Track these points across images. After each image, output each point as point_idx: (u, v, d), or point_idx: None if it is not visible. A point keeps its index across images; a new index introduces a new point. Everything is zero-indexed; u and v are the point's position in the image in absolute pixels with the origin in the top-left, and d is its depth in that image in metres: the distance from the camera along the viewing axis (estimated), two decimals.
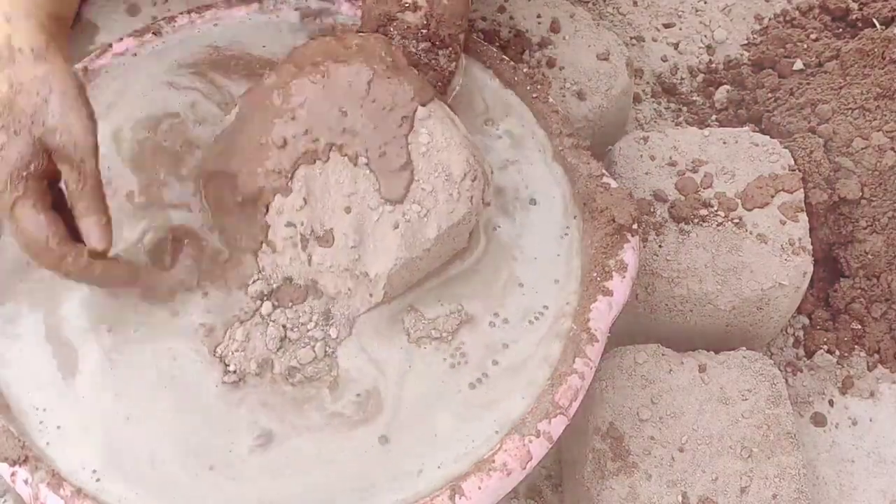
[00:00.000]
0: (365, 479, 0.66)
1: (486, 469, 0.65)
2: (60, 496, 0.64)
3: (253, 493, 0.65)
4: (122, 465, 0.66)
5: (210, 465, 0.66)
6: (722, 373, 0.81)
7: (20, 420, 0.68)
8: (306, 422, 0.69)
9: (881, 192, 0.92)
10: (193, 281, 0.73)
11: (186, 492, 0.65)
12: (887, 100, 0.94)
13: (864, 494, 0.86)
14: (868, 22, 1.11)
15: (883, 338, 0.93)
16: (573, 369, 0.70)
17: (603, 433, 0.77)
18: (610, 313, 0.75)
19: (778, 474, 0.75)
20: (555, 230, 0.80)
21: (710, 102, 1.13)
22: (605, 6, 1.22)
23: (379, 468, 0.67)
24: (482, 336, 0.74)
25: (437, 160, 0.72)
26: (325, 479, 0.66)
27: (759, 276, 0.84)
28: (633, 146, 0.93)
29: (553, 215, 0.81)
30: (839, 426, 0.90)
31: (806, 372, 0.93)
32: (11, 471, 0.65)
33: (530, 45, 1.01)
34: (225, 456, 0.67)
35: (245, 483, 0.66)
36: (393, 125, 0.71)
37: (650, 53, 1.18)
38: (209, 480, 0.66)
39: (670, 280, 0.85)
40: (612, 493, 0.75)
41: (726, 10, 1.22)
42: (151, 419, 0.68)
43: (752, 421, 0.78)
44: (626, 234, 0.77)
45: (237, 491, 0.66)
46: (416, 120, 0.72)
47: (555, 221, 0.81)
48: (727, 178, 0.90)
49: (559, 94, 0.97)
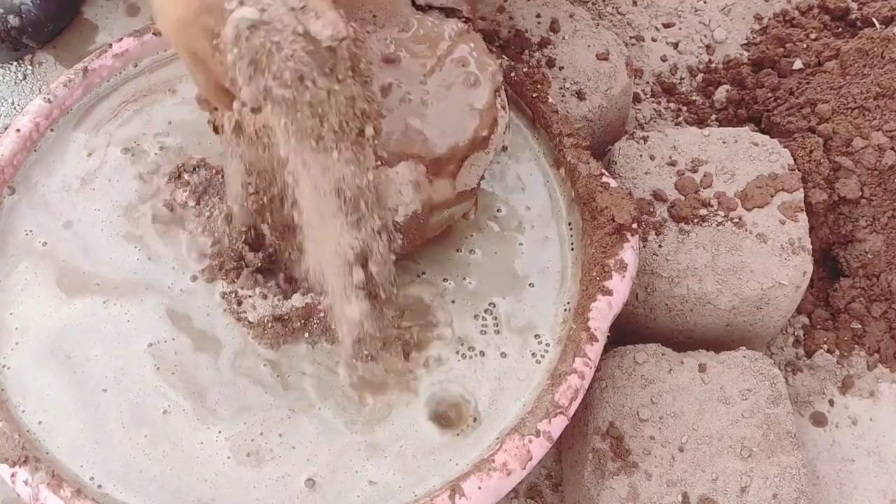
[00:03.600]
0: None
1: (486, 469, 0.65)
2: (60, 497, 0.64)
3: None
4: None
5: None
6: (722, 372, 0.81)
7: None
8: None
9: (881, 192, 0.92)
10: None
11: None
12: (887, 99, 0.94)
13: (864, 494, 0.86)
14: (868, 21, 1.11)
15: (883, 337, 0.93)
16: (573, 369, 0.70)
17: (603, 433, 0.77)
18: (610, 313, 0.75)
19: (778, 474, 0.75)
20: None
21: (710, 102, 1.13)
22: (605, 6, 1.21)
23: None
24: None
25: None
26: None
27: (759, 276, 0.84)
28: (632, 146, 0.93)
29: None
30: (839, 426, 0.90)
31: (806, 371, 0.93)
32: (11, 471, 0.65)
33: (530, 44, 1.01)
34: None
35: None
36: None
37: (650, 53, 1.18)
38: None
39: (670, 280, 0.85)
40: (612, 493, 0.75)
41: (726, 9, 1.22)
42: None
43: (752, 421, 0.78)
44: (626, 234, 0.78)
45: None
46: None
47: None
48: (727, 178, 0.90)
49: (559, 94, 0.97)
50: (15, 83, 1.12)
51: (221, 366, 0.73)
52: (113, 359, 0.73)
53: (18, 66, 1.14)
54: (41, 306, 0.76)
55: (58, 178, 0.83)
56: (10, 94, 1.12)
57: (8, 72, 1.13)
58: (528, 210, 0.84)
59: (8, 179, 0.82)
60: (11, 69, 1.13)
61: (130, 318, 0.75)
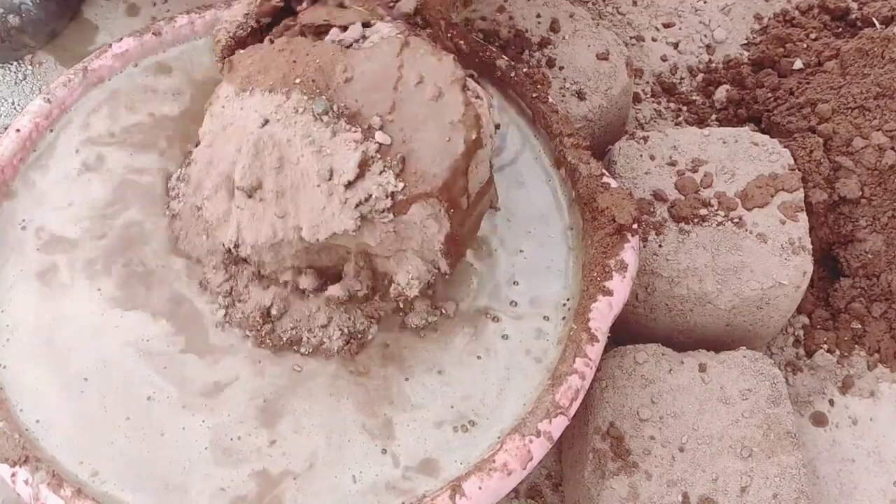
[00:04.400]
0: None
1: (486, 469, 0.65)
2: (61, 496, 0.64)
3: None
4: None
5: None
6: (722, 372, 0.81)
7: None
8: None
9: (881, 192, 0.92)
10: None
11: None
12: (887, 99, 0.94)
13: (864, 493, 0.86)
14: (868, 21, 1.11)
15: (883, 337, 0.93)
16: (573, 369, 0.70)
17: (603, 433, 0.77)
18: (610, 313, 0.75)
19: (778, 474, 0.75)
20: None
21: (710, 102, 1.13)
22: (605, 6, 1.21)
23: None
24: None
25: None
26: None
27: (759, 276, 0.84)
28: (633, 146, 0.93)
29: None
30: (839, 426, 0.90)
31: (806, 371, 0.93)
32: (12, 471, 0.65)
33: (530, 44, 1.01)
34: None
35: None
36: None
37: (650, 53, 1.18)
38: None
39: (670, 280, 0.85)
40: (613, 493, 0.75)
41: (726, 9, 1.22)
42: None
43: (753, 420, 0.78)
44: (627, 234, 0.77)
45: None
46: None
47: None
48: (727, 178, 0.90)
49: (559, 94, 0.97)
50: (15, 83, 1.12)
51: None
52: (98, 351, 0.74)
53: (18, 66, 1.14)
54: (30, 301, 0.76)
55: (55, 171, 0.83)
56: (10, 94, 1.12)
57: (8, 72, 1.13)
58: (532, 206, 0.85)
59: (8, 179, 0.82)
60: (11, 69, 1.13)
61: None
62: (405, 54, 0.71)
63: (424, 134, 0.69)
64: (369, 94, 0.69)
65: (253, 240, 0.71)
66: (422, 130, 0.69)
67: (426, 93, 0.70)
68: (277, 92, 0.69)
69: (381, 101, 0.69)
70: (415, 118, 0.69)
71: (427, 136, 0.69)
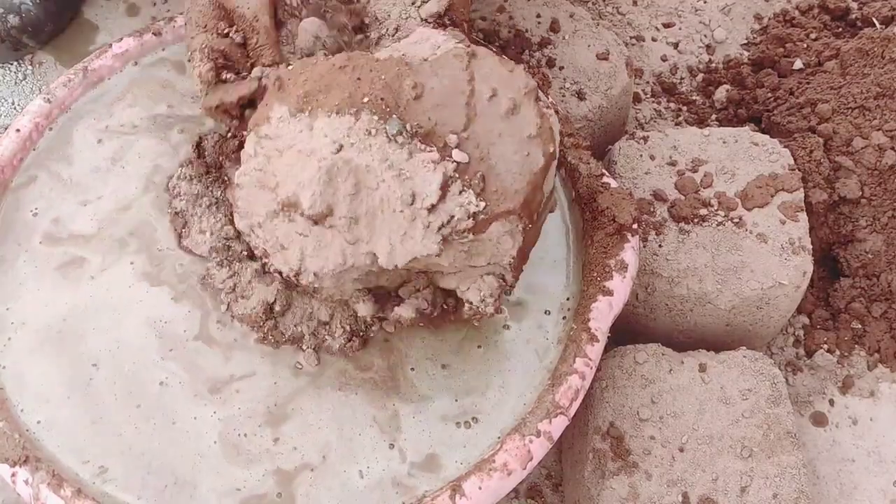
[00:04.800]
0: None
1: (486, 469, 0.66)
2: (61, 496, 0.64)
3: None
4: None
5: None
6: (722, 372, 0.81)
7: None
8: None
9: (881, 192, 0.92)
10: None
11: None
12: (887, 99, 0.94)
13: (864, 494, 0.86)
14: (868, 21, 1.11)
15: (883, 337, 0.93)
16: (574, 369, 0.71)
17: (603, 433, 0.77)
18: (610, 313, 0.75)
19: (778, 474, 0.75)
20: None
21: (710, 102, 1.13)
22: (605, 6, 1.22)
23: None
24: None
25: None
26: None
27: (759, 276, 0.84)
28: (633, 146, 0.93)
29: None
30: (839, 426, 0.90)
31: (806, 371, 0.93)
32: (12, 471, 0.65)
33: (530, 44, 1.01)
34: None
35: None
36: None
37: (650, 53, 1.18)
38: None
39: (670, 280, 0.85)
40: (612, 493, 0.75)
41: (726, 9, 1.22)
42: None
43: (753, 420, 0.78)
44: (627, 234, 0.78)
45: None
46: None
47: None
48: (727, 178, 0.90)
49: (559, 94, 0.98)
50: (15, 83, 1.13)
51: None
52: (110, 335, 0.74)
53: (18, 66, 1.14)
54: (38, 297, 0.76)
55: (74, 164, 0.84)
56: (10, 94, 1.12)
57: (8, 72, 1.13)
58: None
59: (8, 179, 0.82)
60: (11, 69, 1.13)
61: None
62: (474, 66, 0.67)
63: (501, 149, 0.66)
64: (441, 111, 0.66)
65: (318, 267, 0.68)
66: (498, 146, 0.66)
67: (501, 107, 0.66)
68: (345, 113, 0.65)
69: (453, 117, 0.66)
70: (490, 134, 0.66)
71: (504, 151, 0.66)
